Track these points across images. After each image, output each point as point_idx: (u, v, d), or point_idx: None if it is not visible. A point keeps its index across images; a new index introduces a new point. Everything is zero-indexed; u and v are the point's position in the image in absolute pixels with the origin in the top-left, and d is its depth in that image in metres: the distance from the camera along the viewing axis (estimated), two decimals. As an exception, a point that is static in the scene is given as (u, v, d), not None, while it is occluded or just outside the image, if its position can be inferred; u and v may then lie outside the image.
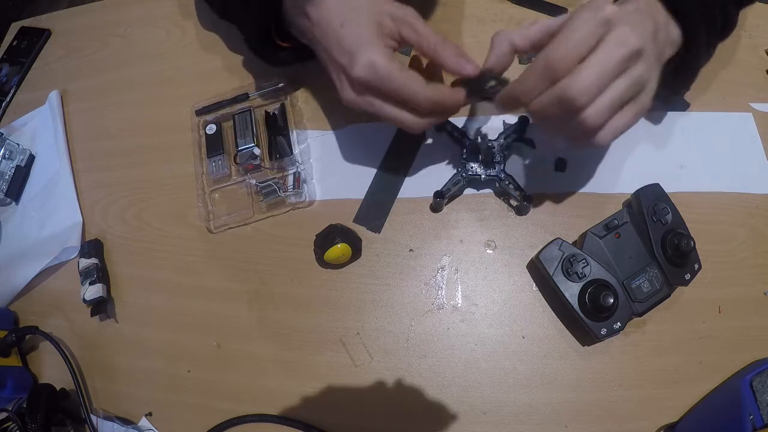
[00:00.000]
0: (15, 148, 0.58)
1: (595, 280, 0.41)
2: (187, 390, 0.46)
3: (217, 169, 0.52)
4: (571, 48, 0.34)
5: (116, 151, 0.58)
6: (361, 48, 0.38)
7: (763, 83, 0.53)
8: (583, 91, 0.33)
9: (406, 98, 0.39)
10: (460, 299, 0.46)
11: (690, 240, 0.41)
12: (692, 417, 0.41)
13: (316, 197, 0.51)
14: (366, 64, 0.38)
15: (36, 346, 0.50)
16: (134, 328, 0.49)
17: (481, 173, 0.48)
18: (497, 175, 0.47)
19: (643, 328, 0.44)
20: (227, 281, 0.49)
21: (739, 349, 0.43)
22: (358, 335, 0.46)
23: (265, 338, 0.47)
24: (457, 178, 0.48)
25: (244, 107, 0.55)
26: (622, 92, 0.35)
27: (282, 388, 0.45)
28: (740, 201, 0.48)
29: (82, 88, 0.63)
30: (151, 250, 0.52)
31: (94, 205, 0.56)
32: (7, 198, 0.57)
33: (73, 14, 0.70)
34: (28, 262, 0.53)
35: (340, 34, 0.40)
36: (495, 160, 0.48)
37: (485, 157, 0.47)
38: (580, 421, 0.42)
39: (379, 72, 0.38)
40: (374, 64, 0.38)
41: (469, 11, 0.59)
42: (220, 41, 0.62)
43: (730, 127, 0.51)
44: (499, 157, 0.48)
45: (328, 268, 0.49)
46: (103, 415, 0.45)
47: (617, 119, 0.36)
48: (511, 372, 0.44)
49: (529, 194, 0.46)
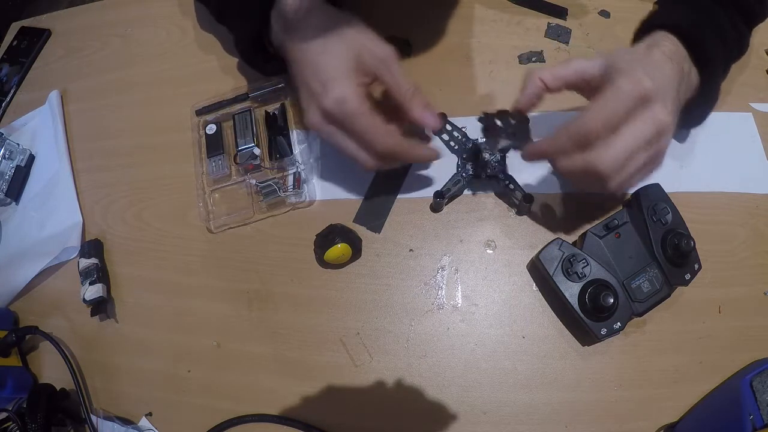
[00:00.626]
0: (15, 148, 0.58)
1: (595, 280, 0.41)
2: (187, 390, 0.46)
3: (217, 169, 0.52)
4: (607, 121, 0.35)
5: (116, 151, 0.58)
6: (336, 81, 0.39)
7: (763, 83, 0.53)
8: (611, 166, 0.36)
9: (364, 141, 0.41)
10: (460, 299, 0.46)
11: (690, 240, 0.41)
12: (692, 417, 0.41)
13: (316, 197, 0.51)
14: (337, 98, 0.39)
15: (36, 346, 0.50)
16: (134, 328, 0.49)
17: (481, 173, 0.48)
18: (497, 175, 0.47)
19: (643, 328, 0.44)
20: (227, 281, 0.49)
21: (739, 349, 0.43)
22: (358, 335, 0.46)
23: (265, 338, 0.47)
24: (456, 178, 0.48)
25: (244, 107, 0.55)
26: (644, 161, 0.37)
27: (282, 388, 0.45)
28: (740, 201, 0.48)
29: (82, 88, 0.63)
30: (151, 250, 0.52)
31: (94, 205, 0.56)
32: (7, 198, 0.57)
33: (73, 14, 0.70)
34: (28, 262, 0.53)
35: (318, 61, 0.40)
36: (494, 161, 0.48)
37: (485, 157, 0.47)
38: (580, 421, 0.42)
39: (348, 109, 0.39)
40: (344, 101, 0.39)
41: (470, 11, 0.59)
42: (220, 41, 0.62)
43: (730, 127, 0.51)
44: (498, 157, 0.48)
45: (328, 268, 0.49)
46: (103, 415, 0.45)
47: (634, 179, 0.38)
48: (511, 372, 0.44)
49: (529, 194, 0.46)
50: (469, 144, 0.49)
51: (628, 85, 0.35)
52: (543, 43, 0.57)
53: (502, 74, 0.55)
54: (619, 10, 0.57)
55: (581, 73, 0.40)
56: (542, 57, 0.56)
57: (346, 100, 0.39)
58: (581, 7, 0.58)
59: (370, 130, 0.40)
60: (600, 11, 0.58)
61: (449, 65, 0.56)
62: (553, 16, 0.58)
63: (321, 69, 0.40)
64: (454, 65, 0.56)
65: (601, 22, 0.57)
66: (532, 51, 0.56)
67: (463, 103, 0.53)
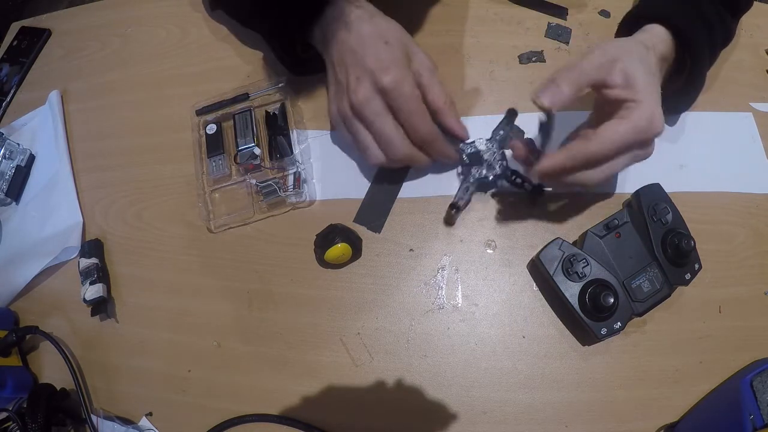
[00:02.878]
0: (15, 148, 0.58)
1: (595, 279, 0.41)
2: (188, 390, 0.46)
3: (218, 169, 0.52)
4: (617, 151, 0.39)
5: (116, 151, 0.58)
6: (397, 66, 0.43)
7: (763, 83, 0.53)
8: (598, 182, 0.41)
9: (414, 122, 0.43)
10: (460, 299, 0.46)
11: (690, 240, 0.41)
12: (692, 417, 0.41)
13: (316, 197, 0.51)
14: (397, 78, 0.42)
15: (36, 345, 0.50)
16: (134, 328, 0.49)
17: (488, 174, 0.48)
18: (503, 172, 0.47)
19: (643, 328, 0.44)
20: (227, 281, 0.49)
21: (739, 349, 0.43)
22: (358, 335, 0.46)
23: (265, 338, 0.47)
24: (465, 185, 0.48)
25: (244, 107, 0.55)
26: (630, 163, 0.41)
27: (282, 388, 0.45)
28: (740, 201, 0.48)
29: (82, 88, 0.63)
30: (151, 250, 0.52)
31: (94, 205, 0.56)
32: (7, 198, 0.57)
33: (73, 14, 0.70)
34: (28, 262, 0.53)
35: (383, 47, 0.43)
36: (496, 159, 0.48)
37: (487, 158, 0.48)
38: (580, 420, 0.42)
39: (404, 90, 0.42)
40: (402, 82, 0.42)
41: (470, 11, 0.59)
42: (220, 41, 0.62)
43: (730, 127, 0.51)
44: (499, 155, 0.48)
45: (329, 268, 0.49)
46: (104, 415, 0.45)
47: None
48: (511, 372, 0.44)
49: (539, 184, 0.46)
50: (469, 149, 0.48)
51: (645, 123, 0.38)
52: (543, 42, 0.57)
53: (502, 74, 0.55)
54: (619, 9, 0.57)
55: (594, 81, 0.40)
56: (542, 57, 0.56)
57: (406, 82, 0.42)
58: (581, 7, 0.58)
59: (420, 112, 0.43)
60: (600, 11, 0.58)
61: (449, 65, 0.56)
62: (554, 16, 0.58)
63: (383, 55, 0.43)
64: (454, 65, 0.56)
65: (601, 21, 0.57)
66: (533, 51, 0.56)
67: (463, 103, 0.53)
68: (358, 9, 0.46)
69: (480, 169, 0.48)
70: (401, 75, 0.42)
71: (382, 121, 0.43)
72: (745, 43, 0.55)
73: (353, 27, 0.44)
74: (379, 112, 0.43)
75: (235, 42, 0.61)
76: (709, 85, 0.52)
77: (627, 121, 0.38)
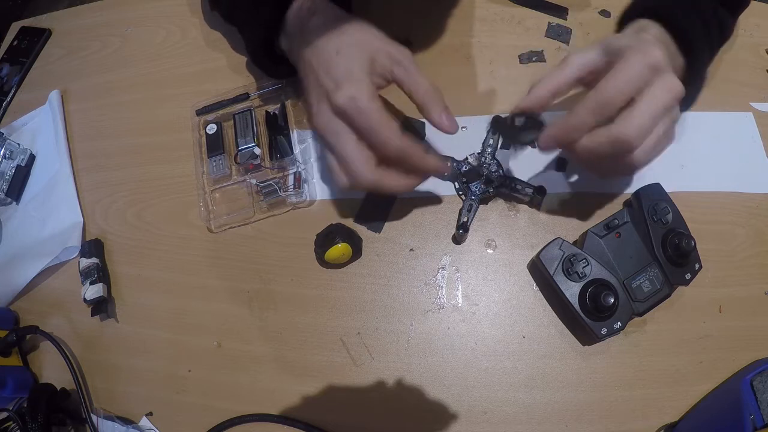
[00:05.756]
0: (15, 148, 0.58)
1: (595, 279, 0.41)
2: (188, 390, 0.46)
3: (218, 169, 0.52)
4: (624, 87, 0.36)
5: (116, 151, 0.58)
6: (349, 79, 0.39)
7: (763, 83, 0.53)
8: (637, 134, 0.36)
9: (374, 140, 0.39)
10: (460, 299, 0.46)
11: (690, 240, 0.41)
12: (692, 417, 0.41)
13: (316, 197, 0.51)
14: (349, 95, 0.38)
15: (36, 345, 0.50)
16: (134, 327, 0.49)
17: (487, 189, 0.48)
18: (502, 182, 0.47)
19: (644, 328, 0.44)
20: (227, 281, 0.49)
21: (740, 349, 0.43)
22: (358, 335, 0.46)
23: (265, 338, 0.47)
24: (468, 203, 0.48)
25: (244, 107, 0.55)
26: (664, 131, 0.37)
27: (282, 388, 0.45)
28: (740, 201, 0.48)
29: (82, 88, 0.63)
30: (151, 249, 0.52)
31: (94, 205, 0.56)
32: (7, 198, 0.57)
33: (73, 14, 0.70)
34: (28, 261, 0.53)
35: (333, 60, 0.40)
36: (493, 170, 0.48)
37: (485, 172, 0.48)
38: (580, 421, 0.42)
39: (361, 105, 0.38)
40: (357, 98, 0.38)
41: (470, 11, 0.59)
42: (220, 41, 0.62)
43: (731, 127, 0.51)
44: (495, 166, 0.48)
45: (329, 267, 0.49)
46: (104, 415, 0.45)
47: (655, 151, 0.38)
48: (511, 372, 0.44)
49: (540, 186, 0.46)
50: (464, 167, 0.48)
51: (640, 55, 0.36)
52: (543, 42, 0.57)
53: (502, 74, 0.55)
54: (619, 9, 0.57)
55: (583, 67, 0.39)
56: (543, 57, 0.56)
57: (360, 97, 0.38)
58: (582, 7, 0.58)
59: (382, 127, 0.38)
60: (600, 11, 0.58)
61: (449, 65, 0.56)
62: (554, 16, 0.58)
63: (334, 68, 0.40)
64: (454, 65, 0.56)
65: (601, 21, 0.57)
66: (533, 50, 0.56)
67: (463, 103, 0.53)
68: (314, 16, 0.43)
69: (479, 185, 0.48)
70: (353, 89, 0.38)
71: (342, 144, 0.40)
72: (744, 42, 0.55)
73: (310, 40, 0.42)
74: (337, 132, 0.40)
75: (235, 42, 0.61)
76: (708, 84, 0.52)
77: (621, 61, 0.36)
